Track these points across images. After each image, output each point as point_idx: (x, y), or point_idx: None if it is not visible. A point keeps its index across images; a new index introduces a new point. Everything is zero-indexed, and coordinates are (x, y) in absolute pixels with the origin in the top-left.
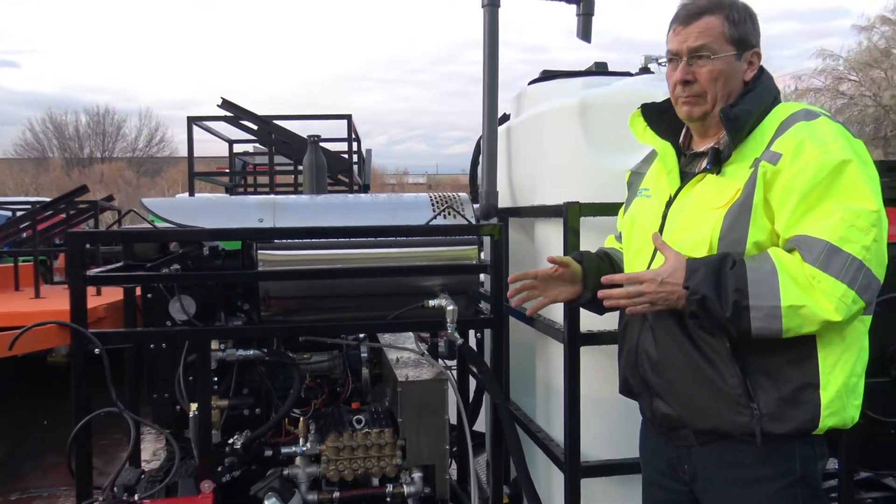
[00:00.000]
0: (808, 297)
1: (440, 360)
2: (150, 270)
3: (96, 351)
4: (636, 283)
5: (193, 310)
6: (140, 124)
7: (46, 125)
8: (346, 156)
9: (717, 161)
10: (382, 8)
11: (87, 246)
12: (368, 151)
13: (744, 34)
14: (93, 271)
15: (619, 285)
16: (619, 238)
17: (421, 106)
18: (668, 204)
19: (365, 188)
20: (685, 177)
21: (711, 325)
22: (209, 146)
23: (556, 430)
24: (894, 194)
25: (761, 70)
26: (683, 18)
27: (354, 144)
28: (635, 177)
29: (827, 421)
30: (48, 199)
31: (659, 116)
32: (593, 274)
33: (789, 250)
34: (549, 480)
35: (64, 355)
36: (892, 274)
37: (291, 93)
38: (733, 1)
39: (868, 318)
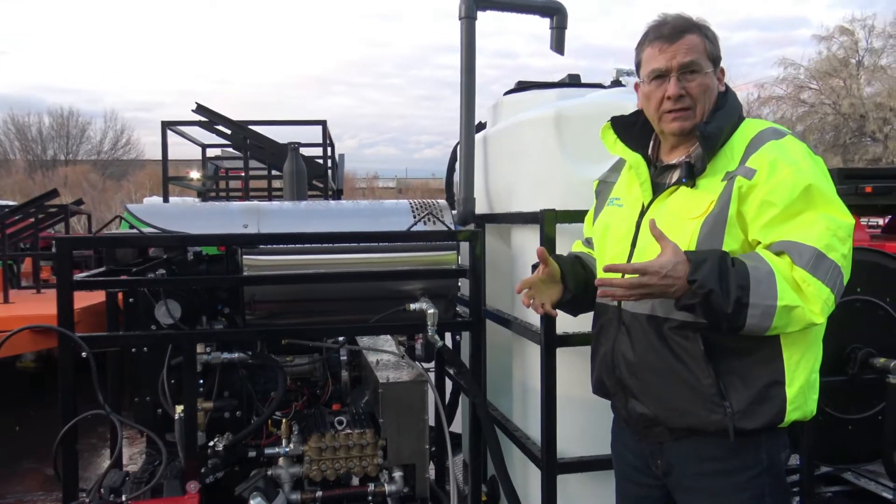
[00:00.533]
0: (800, 298)
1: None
2: (134, 275)
3: (83, 354)
4: (641, 275)
5: (179, 314)
6: (105, 126)
7: (8, 127)
8: (320, 161)
9: (691, 174)
10: (351, 11)
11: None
12: (341, 156)
13: (718, 52)
14: (78, 276)
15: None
16: (586, 243)
17: (390, 110)
18: (642, 213)
19: (338, 193)
20: (657, 187)
21: (706, 317)
22: (179, 149)
23: (533, 429)
24: (851, 201)
25: (726, 87)
26: (669, 37)
27: (329, 150)
28: (603, 185)
29: (792, 415)
30: (11, 203)
31: (627, 129)
32: (570, 274)
33: (777, 253)
34: (526, 478)
35: (32, 361)
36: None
37: (261, 95)
38: (700, 21)
39: (825, 320)
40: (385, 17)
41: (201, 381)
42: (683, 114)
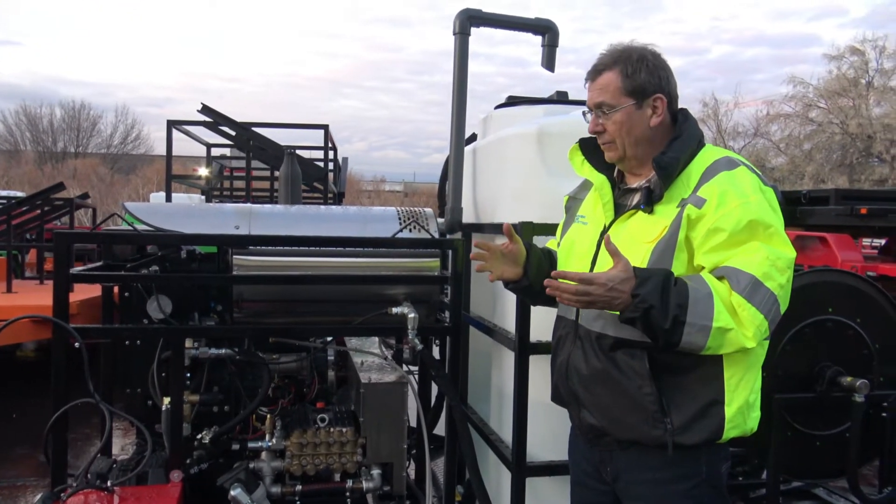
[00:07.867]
0: (734, 322)
1: (404, 366)
2: (129, 270)
3: (76, 345)
4: (587, 284)
5: (170, 309)
6: (116, 121)
7: (20, 118)
8: (321, 163)
9: (650, 201)
10: (361, 16)
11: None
12: (345, 160)
13: (639, 84)
14: (75, 270)
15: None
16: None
17: (400, 114)
18: (603, 233)
19: (339, 196)
20: (619, 209)
21: (645, 331)
22: (187, 145)
23: (507, 433)
24: (847, 222)
25: (685, 116)
26: (590, 75)
27: (331, 153)
28: (573, 202)
29: (730, 433)
30: (20, 194)
31: (595, 150)
32: (535, 264)
33: (718, 278)
34: (500, 480)
35: (32, 350)
36: (819, 299)
37: (273, 95)
38: (630, 53)
39: (766, 344)
40: (395, 23)
41: (190, 376)
42: (608, 146)
